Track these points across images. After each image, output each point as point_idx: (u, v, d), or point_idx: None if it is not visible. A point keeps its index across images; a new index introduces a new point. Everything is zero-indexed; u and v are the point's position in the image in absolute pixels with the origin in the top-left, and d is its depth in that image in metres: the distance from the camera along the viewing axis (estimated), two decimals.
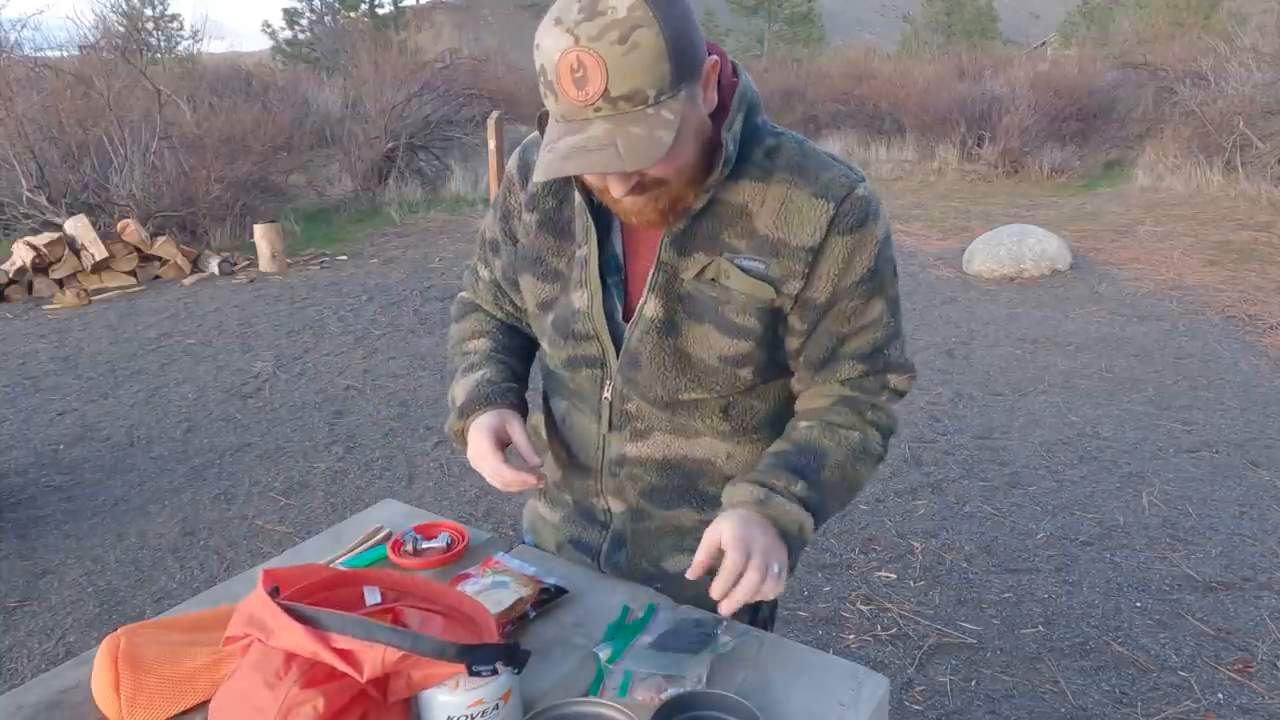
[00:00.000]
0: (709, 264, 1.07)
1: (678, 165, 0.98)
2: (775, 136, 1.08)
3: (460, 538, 1.33)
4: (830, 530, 3.16)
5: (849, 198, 1.04)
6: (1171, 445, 3.79)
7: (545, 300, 1.18)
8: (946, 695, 2.34)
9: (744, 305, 1.07)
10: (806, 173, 1.05)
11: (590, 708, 0.93)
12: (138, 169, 7.60)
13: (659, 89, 0.90)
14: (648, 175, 0.98)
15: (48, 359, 5.09)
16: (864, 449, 1.12)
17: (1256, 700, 2.30)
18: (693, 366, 1.11)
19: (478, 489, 3.52)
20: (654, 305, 1.09)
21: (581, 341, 1.15)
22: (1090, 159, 11.48)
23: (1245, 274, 6.46)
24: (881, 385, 1.14)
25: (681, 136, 0.94)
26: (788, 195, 1.05)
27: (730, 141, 1.01)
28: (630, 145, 0.90)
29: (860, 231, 1.05)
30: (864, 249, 1.06)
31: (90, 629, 2.67)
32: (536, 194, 1.17)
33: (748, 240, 1.06)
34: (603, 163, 0.90)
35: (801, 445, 1.10)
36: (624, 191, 0.98)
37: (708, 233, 1.07)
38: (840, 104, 14.72)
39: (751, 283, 1.06)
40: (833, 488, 1.09)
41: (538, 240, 1.17)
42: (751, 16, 36.40)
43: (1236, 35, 11.25)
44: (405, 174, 10.45)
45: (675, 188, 1.01)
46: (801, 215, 1.04)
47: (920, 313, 5.73)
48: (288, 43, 31.91)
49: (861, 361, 1.12)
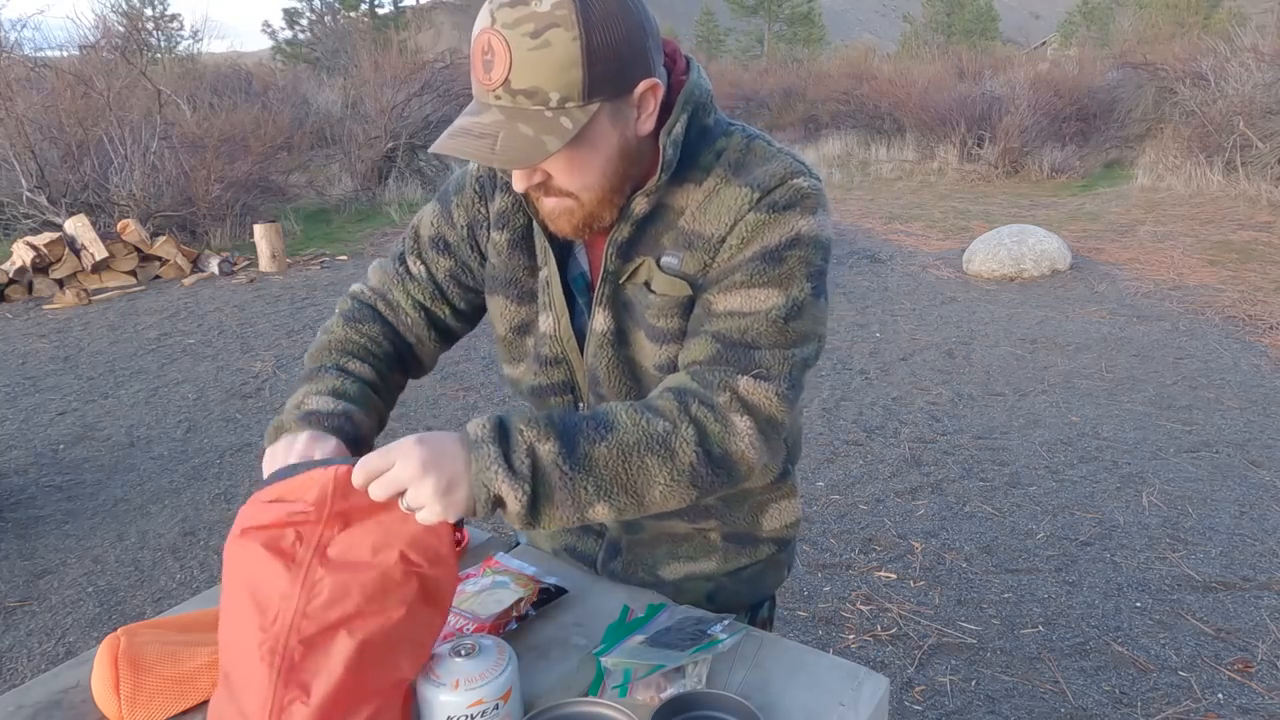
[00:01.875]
0: (640, 265, 1.04)
1: (585, 181, 0.95)
2: (726, 136, 1.03)
3: (460, 538, 1.33)
4: (830, 530, 3.16)
5: (781, 186, 0.98)
6: (1171, 445, 3.79)
7: (520, 324, 1.15)
8: (946, 695, 2.34)
9: (664, 307, 1.03)
10: (743, 168, 1.00)
11: (590, 708, 0.93)
12: (138, 169, 7.60)
13: (564, 95, 0.87)
14: (552, 181, 0.96)
15: (48, 359, 5.09)
16: (665, 443, 0.93)
17: (1256, 700, 2.30)
18: (645, 375, 1.08)
19: None
20: (601, 318, 1.06)
21: (550, 366, 1.13)
22: (1090, 159, 11.49)
23: (1245, 274, 6.46)
24: (726, 384, 0.96)
25: (584, 150, 0.92)
26: (715, 188, 1.00)
27: (669, 147, 0.97)
28: (510, 141, 0.88)
29: (777, 213, 0.97)
30: (773, 229, 0.97)
31: (90, 629, 2.67)
32: (505, 211, 1.11)
33: (670, 236, 1.02)
34: (474, 150, 0.88)
35: (596, 412, 0.95)
36: (522, 187, 0.97)
37: (649, 237, 1.04)
38: (840, 104, 14.75)
39: (669, 281, 1.02)
40: (604, 467, 0.91)
41: (511, 261, 1.12)
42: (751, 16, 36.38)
43: (1237, 35, 11.25)
44: (405, 174, 10.46)
45: (588, 200, 0.97)
46: (722, 204, 0.99)
47: (920, 313, 5.73)
48: (288, 43, 31.93)
49: (719, 345, 0.97)
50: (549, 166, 0.95)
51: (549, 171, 0.95)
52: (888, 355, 4.97)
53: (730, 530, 1.22)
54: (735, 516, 1.21)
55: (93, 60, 10.56)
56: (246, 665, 0.84)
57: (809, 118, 14.64)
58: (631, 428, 0.92)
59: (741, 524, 1.22)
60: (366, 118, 10.80)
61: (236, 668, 0.86)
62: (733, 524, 1.22)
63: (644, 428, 0.93)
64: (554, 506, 0.90)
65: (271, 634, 0.83)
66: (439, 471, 0.85)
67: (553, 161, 0.94)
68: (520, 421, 0.90)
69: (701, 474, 0.94)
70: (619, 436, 0.92)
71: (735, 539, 1.23)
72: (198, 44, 24.66)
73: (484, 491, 0.87)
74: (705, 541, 1.22)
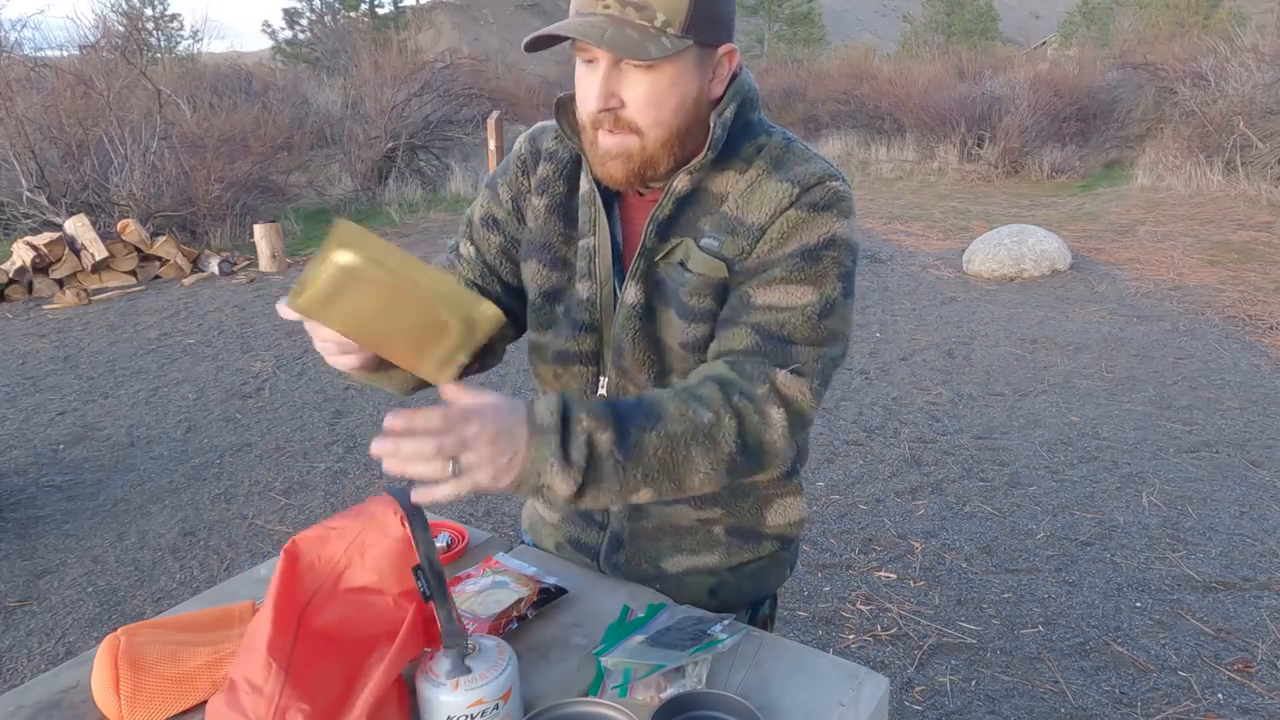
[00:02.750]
0: (677, 245, 1.08)
1: (657, 116, 0.99)
2: (767, 134, 1.09)
3: (460, 538, 1.33)
4: (830, 530, 3.16)
5: (817, 186, 1.03)
6: (1171, 445, 3.79)
7: (550, 289, 1.17)
8: (946, 695, 2.34)
9: (698, 287, 1.06)
10: (784, 165, 1.06)
11: (590, 708, 0.93)
12: (138, 169, 7.60)
13: (667, 18, 0.93)
14: (623, 110, 0.99)
15: (48, 359, 5.09)
16: (709, 433, 0.95)
17: (1256, 700, 2.30)
18: (668, 352, 1.11)
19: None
20: (633, 291, 1.09)
21: (582, 333, 1.14)
22: (1090, 159, 11.49)
23: (1245, 274, 6.46)
24: (765, 376, 0.99)
25: (665, 84, 0.97)
26: (757, 180, 1.05)
27: (719, 127, 1.02)
28: (618, 34, 0.93)
29: (816, 213, 1.02)
30: (812, 228, 1.02)
31: (90, 629, 2.67)
32: (547, 178, 1.16)
33: (710, 220, 1.07)
34: (585, 31, 0.93)
35: (645, 399, 0.97)
36: (600, 105, 0.98)
37: (687, 219, 1.08)
38: (840, 104, 14.73)
39: (708, 261, 1.06)
40: (652, 455, 0.93)
41: (547, 226, 1.16)
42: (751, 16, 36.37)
43: (1237, 35, 11.26)
44: (405, 174, 10.46)
45: (649, 144, 1.00)
46: (764, 196, 1.04)
47: (920, 313, 5.73)
48: (288, 43, 31.89)
49: (758, 336, 1.01)
50: (629, 92, 0.98)
51: (624, 99, 0.98)
52: (888, 355, 4.97)
53: (734, 524, 1.23)
54: (740, 508, 1.22)
55: (93, 60, 10.55)
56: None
57: (809, 118, 14.62)
58: (679, 418, 0.95)
59: (746, 517, 1.23)
60: (366, 118, 10.80)
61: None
62: (737, 516, 1.22)
63: (690, 418, 0.95)
64: (600, 492, 0.93)
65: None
66: (504, 448, 0.87)
67: (633, 86, 0.97)
68: (581, 409, 0.92)
69: (737, 463, 0.98)
70: (667, 426, 0.94)
71: (739, 533, 1.23)
72: (198, 44, 24.64)
73: (535, 478, 0.89)
74: (709, 535, 1.23)
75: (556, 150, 1.17)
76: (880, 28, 42.52)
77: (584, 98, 1.01)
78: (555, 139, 1.17)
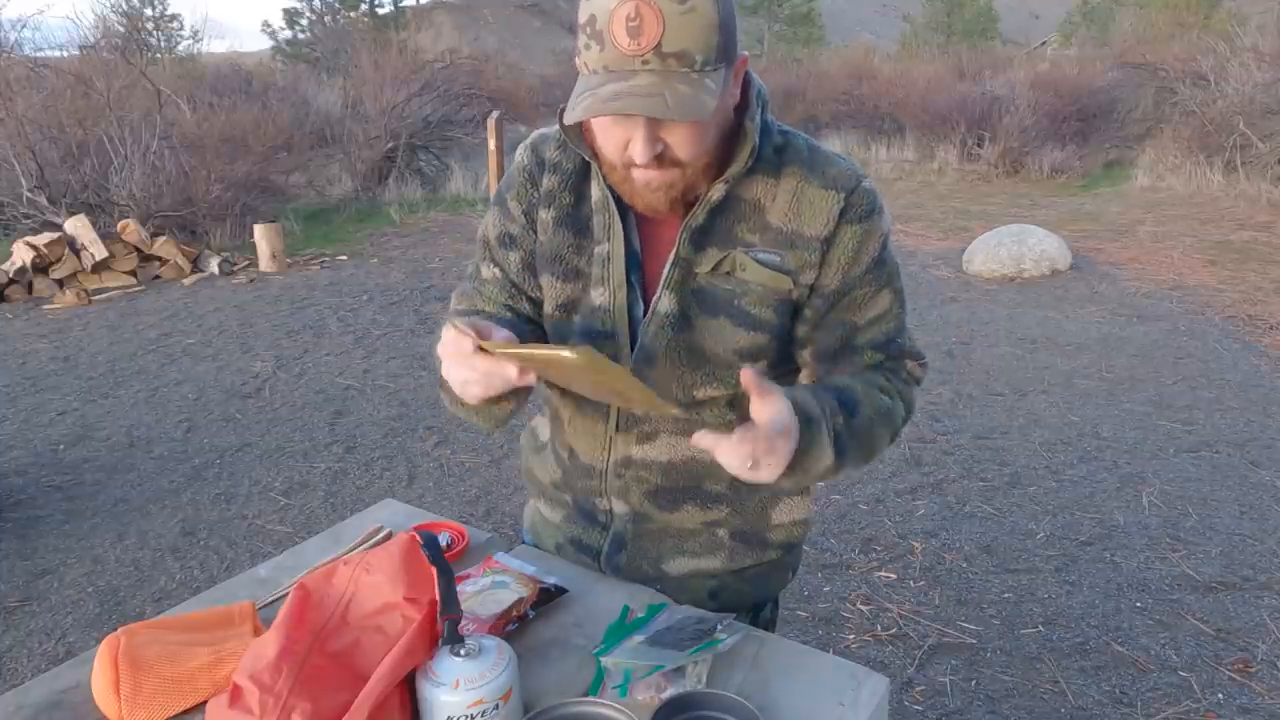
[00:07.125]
0: (724, 258, 1.08)
1: (700, 149, 0.99)
2: (783, 134, 1.10)
3: (460, 538, 1.33)
4: (830, 530, 3.16)
5: (857, 190, 1.07)
6: (1171, 445, 3.79)
7: (566, 301, 1.16)
8: (946, 695, 2.34)
9: (761, 297, 1.08)
10: (815, 167, 1.08)
11: (590, 708, 0.93)
12: (138, 169, 7.59)
13: (705, 58, 0.92)
14: (671, 150, 0.98)
15: (48, 359, 5.09)
16: (889, 416, 1.10)
17: (1256, 700, 2.30)
18: (708, 361, 1.11)
19: (478, 489, 3.52)
20: (668, 300, 1.09)
21: (600, 340, 1.14)
22: (1090, 159, 11.48)
23: (1245, 274, 6.46)
24: (904, 367, 1.16)
25: (714, 114, 0.95)
26: (798, 188, 1.07)
27: (755, 132, 1.03)
28: (678, 99, 0.90)
29: (868, 222, 1.08)
30: (871, 239, 1.09)
31: (90, 629, 2.67)
32: (553, 190, 1.15)
33: (761, 234, 1.07)
34: (651, 107, 0.90)
35: (839, 386, 1.08)
36: (648, 156, 0.96)
37: (722, 228, 1.08)
38: (840, 104, 14.71)
39: (769, 274, 1.07)
40: (860, 438, 1.06)
41: (556, 238, 1.15)
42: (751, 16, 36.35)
43: (1236, 35, 11.26)
44: (405, 174, 10.45)
45: (690, 173, 1.01)
46: (814, 207, 1.06)
47: (920, 313, 5.73)
48: (288, 43, 31.86)
49: (879, 350, 1.14)
50: (673, 136, 0.97)
51: (668, 142, 0.97)
52: None
53: (739, 526, 1.22)
54: (747, 506, 1.22)
55: (93, 60, 10.56)
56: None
57: (809, 118, 14.60)
58: (870, 402, 1.07)
59: (751, 517, 1.23)
60: (366, 118, 10.79)
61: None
62: (743, 515, 1.22)
63: (878, 402, 1.08)
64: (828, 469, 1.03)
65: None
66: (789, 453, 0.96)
67: (677, 130, 0.97)
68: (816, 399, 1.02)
69: (899, 433, 1.14)
70: (865, 412, 1.06)
71: (743, 537, 1.23)
72: (198, 44, 24.60)
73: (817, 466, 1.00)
74: (712, 538, 1.23)
75: (560, 161, 1.15)
76: (880, 28, 42.51)
77: (617, 146, 0.99)
78: (558, 148, 1.15)
